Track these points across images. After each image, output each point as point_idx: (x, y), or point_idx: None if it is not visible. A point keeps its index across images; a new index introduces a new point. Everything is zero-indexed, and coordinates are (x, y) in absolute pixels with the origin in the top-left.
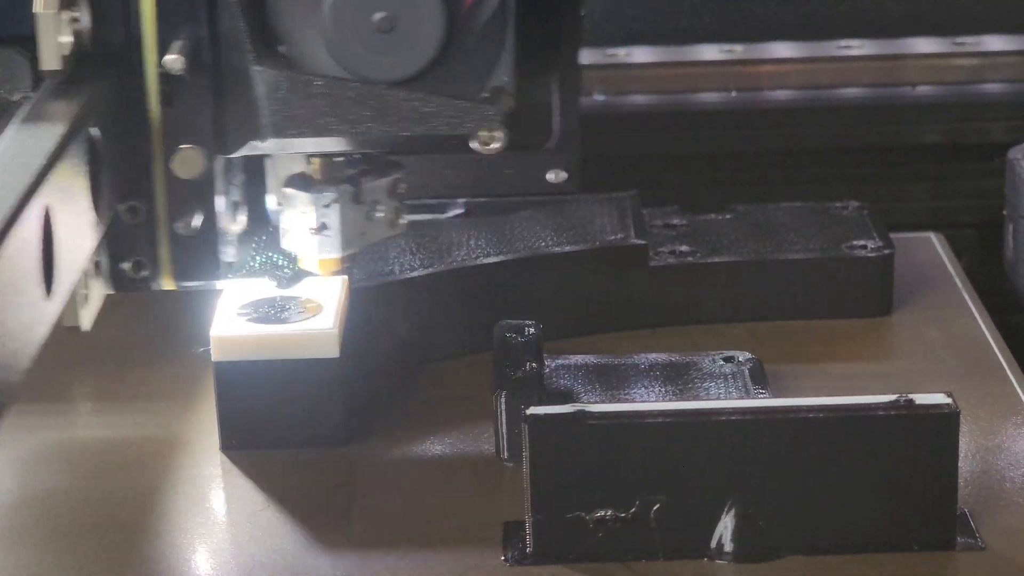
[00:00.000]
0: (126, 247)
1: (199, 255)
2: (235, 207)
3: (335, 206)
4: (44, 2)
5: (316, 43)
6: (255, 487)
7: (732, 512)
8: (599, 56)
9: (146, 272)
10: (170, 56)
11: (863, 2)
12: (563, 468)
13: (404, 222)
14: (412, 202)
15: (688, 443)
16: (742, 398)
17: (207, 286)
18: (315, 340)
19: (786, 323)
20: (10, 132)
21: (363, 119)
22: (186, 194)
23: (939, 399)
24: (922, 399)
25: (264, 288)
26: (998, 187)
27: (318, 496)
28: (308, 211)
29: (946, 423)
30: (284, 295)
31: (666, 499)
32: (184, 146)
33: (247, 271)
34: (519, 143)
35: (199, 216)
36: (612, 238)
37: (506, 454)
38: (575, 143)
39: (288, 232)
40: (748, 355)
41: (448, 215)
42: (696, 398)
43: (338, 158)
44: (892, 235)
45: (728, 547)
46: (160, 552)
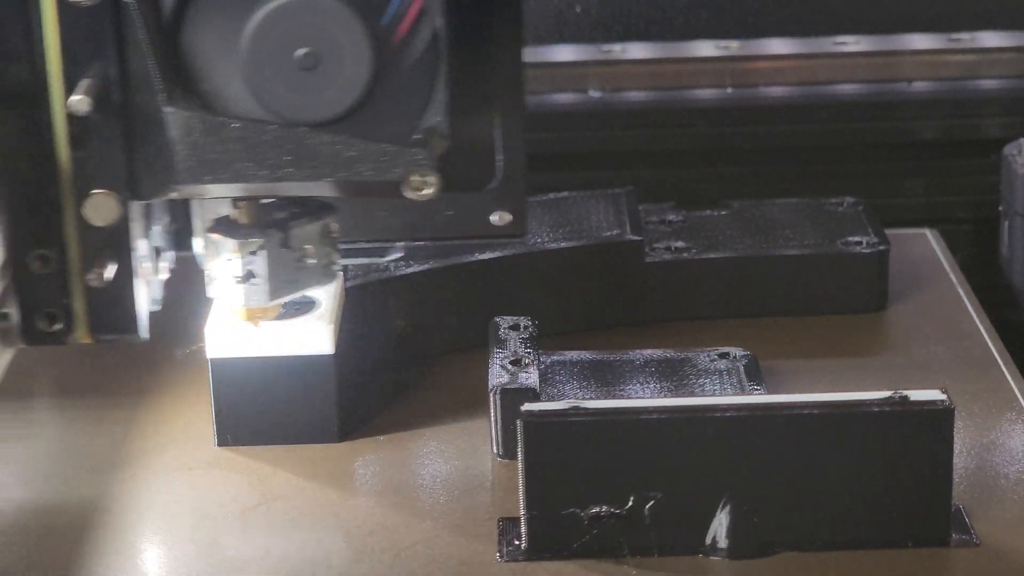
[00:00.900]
0: (38, 298)
1: (117, 306)
2: (156, 253)
3: (262, 253)
4: None
5: (234, 82)
6: (250, 483)
7: (727, 508)
8: (595, 52)
9: (59, 325)
10: (75, 96)
11: None
12: (558, 464)
13: (338, 268)
14: (347, 246)
15: (683, 439)
16: (737, 394)
17: (130, 340)
18: (310, 336)
19: (781, 319)
20: None
21: (283, 163)
22: (100, 242)
23: (934, 395)
24: (917, 395)
25: None
26: (993, 183)
27: (313, 492)
28: (234, 258)
29: (941, 419)
30: None
31: (661, 495)
32: (96, 191)
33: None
34: (459, 183)
35: (112, 267)
36: (608, 234)
37: (501, 450)
38: (520, 184)
39: (214, 280)
40: (743, 351)
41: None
42: (691, 394)
43: (265, 200)
44: (888, 231)
45: (723, 543)
46: (155, 547)
